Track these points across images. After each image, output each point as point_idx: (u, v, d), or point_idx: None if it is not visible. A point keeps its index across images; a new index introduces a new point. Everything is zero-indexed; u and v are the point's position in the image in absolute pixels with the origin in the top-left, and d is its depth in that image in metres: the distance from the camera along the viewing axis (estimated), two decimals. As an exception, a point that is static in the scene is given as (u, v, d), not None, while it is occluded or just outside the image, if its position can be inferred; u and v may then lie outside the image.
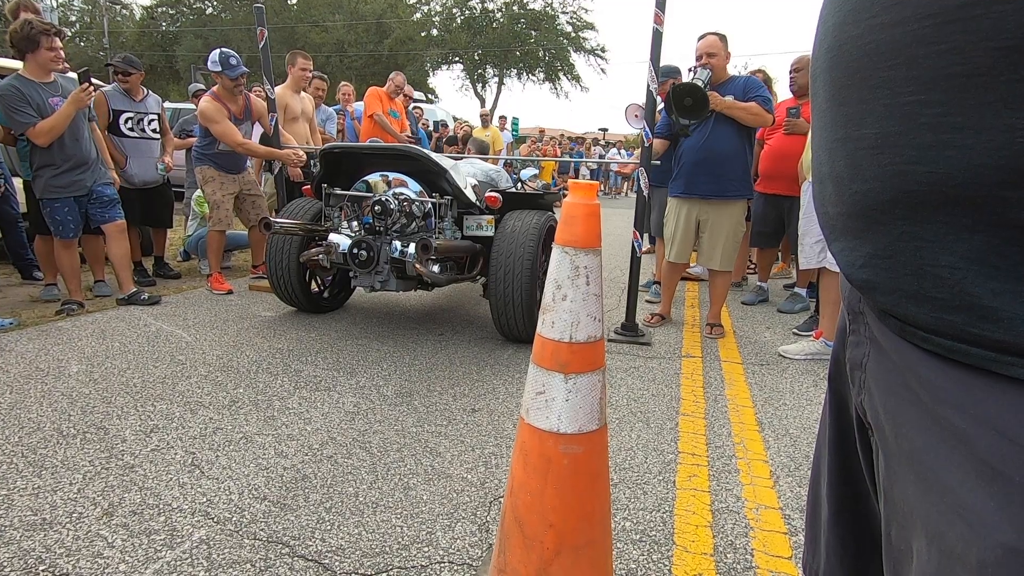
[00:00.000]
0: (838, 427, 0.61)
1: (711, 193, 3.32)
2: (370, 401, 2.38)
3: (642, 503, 1.74)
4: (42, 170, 3.33)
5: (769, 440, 2.19)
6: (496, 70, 27.69)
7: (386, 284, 3.01)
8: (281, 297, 3.52)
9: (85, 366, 2.63)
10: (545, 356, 1.07)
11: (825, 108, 0.47)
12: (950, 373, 0.40)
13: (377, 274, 2.99)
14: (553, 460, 1.06)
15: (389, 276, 2.99)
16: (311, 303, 3.52)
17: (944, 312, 0.39)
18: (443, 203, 3.04)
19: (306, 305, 3.52)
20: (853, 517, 0.60)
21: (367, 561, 1.44)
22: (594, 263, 1.05)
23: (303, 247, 3.31)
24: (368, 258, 2.90)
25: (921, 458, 0.41)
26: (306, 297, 3.46)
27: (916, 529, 0.42)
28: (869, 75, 0.41)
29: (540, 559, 1.07)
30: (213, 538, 1.50)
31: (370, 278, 3.01)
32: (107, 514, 1.58)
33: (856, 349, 0.53)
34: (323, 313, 3.65)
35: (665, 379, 2.77)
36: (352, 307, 3.84)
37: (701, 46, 3.30)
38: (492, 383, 2.63)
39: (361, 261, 2.91)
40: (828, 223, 0.50)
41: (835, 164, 0.46)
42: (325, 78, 5.44)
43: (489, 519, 1.63)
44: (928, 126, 0.37)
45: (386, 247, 2.95)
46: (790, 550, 1.56)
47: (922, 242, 0.39)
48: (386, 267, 2.96)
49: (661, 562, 1.49)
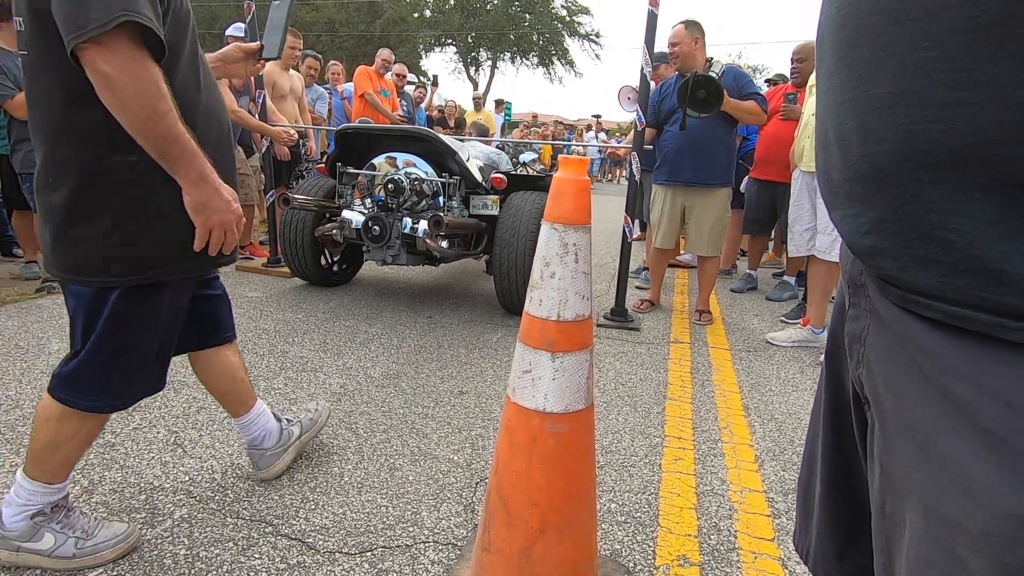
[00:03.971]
0: (833, 404, 0.60)
1: (695, 180, 3.32)
2: (357, 382, 2.36)
3: (628, 485, 1.75)
4: (21, 144, 3.23)
5: (755, 425, 2.20)
6: (489, 53, 27.39)
7: (397, 258, 3.18)
8: (294, 271, 3.66)
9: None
10: (532, 334, 1.06)
11: (832, 70, 0.46)
12: (953, 342, 0.39)
13: (388, 249, 3.14)
14: (539, 439, 1.05)
15: (400, 251, 3.14)
16: (322, 277, 3.67)
17: (951, 276, 0.38)
18: (452, 183, 3.20)
19: (317, 278, 3.67)
20: (845, 494, 0.60)
21: (351, 540, 1.43)
22: (584, 240, 1.04)
23: (316, 223, 3.45)
24: (381, 233, 3.07)
25: (921, 428, 0.41)
26: (318, 271, 3.61)
27: (911, 500, 0.41)
28: (881, 31, 0.40)
29: (524, 537, 1.07)
30: (195, 516, 1.48)
31: (382, 252, 3.17)
32: (87, 492, 1.56)
33: (855, 323, 0.52)
34: (333, 286, 3.80)
35: (653, 364, 2.78)
36: (341, 289, 3.81)
37: (669, 37, 3.29)
38: (480, 366, 2.62)
39: (374, 236, 3.07)
40: (831, 190, 0.49)
41: (842, 128, 0.45)
42: (319, 57, 5.34)
43: (475, 500, 1.63)
44: (943, 83, 0.36)
45: (398, 223, 3.09)
46: (773, 532, 1.57)
47: (931, 205, 0.38)
48: (397, 242, 3.11)
49: (646, 543, 1.50)
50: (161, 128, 1.02)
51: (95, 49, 0.95)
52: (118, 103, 0.99)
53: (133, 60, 0.97)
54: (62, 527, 1.28)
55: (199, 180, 1.10)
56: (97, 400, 1.22)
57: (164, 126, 1.02)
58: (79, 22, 0.92)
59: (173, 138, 1.04)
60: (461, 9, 25.82)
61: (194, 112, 1.16)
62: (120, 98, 0.98)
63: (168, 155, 1.06)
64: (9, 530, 1.24)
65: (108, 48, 0.95)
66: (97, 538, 1.31)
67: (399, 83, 6.09)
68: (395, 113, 5.68)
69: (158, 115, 1.01)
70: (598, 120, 18.67)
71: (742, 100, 3.20)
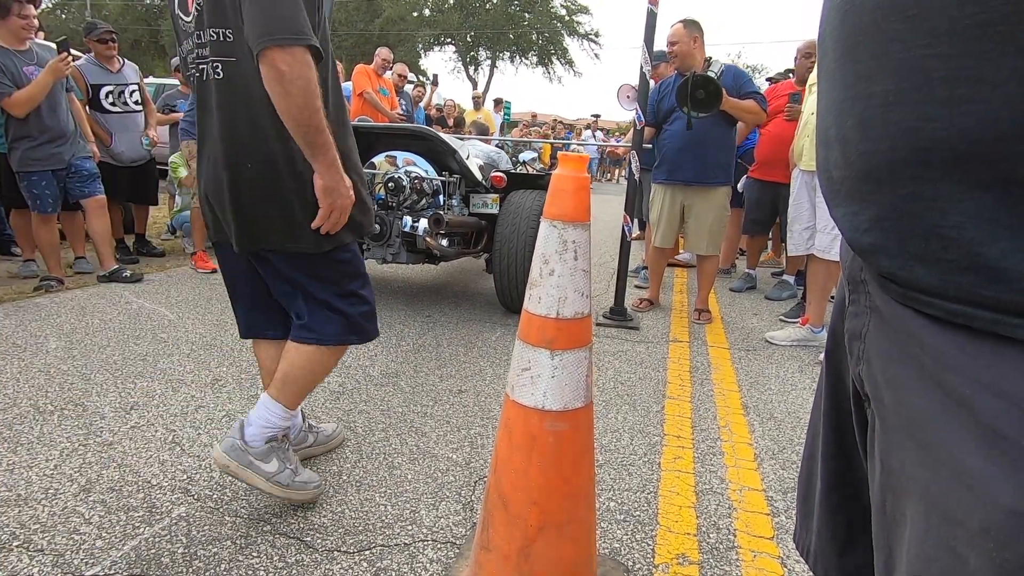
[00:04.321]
0: (834, 402, 0.60)
1: (694, 179, 3.32)
2: (355, 381, 2.36)
3: (627, 484, 1.75)
4: (18, 142, 3.23)
5: (754, 424, 2.20)
6: (489, 52, 27.38)
7: (397, 257, 3.17)
8: None
9: (64, 342, 2.58)
10: (531, 332, 1.06)
11: (834, 68, 0.46)
12: (954, 338, 0.39)
13: (389, 247, 3.13)
14: (538, 437, 1.05)
15: (400, 249, 3.13)
16: None
17: (951, 274, 0.38)
18: (452, 181, 3.20)
19: None
20: (846, 492, 0.60)
21: (349, 539, 1.43)
22: (583, 238, 1.03)
23: None
24: (381, 232, 3.06)
25: (922, 425, 0.41)
26: None
27: (911, 497, 0.41)
28: (882, 28, 0.39)
29: (523, 536, 1.07)
30: (193, 515, 1.48)
31: (382, 251, 3.15)
32: (84, 490, 1.55)
33: (856, 319, 0.52)
34: None
35: (652, 363, 2.77)
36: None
37: (667, 36, 3.28)
38: (479, 364, 2.61)
39: (374, 235, 3.06)
40: (832, 188, 0.49)
41: (843, 125, 0.45)
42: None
43: (474, 498, 1.62)
44: (943, 80, 0.36)
45: (398, 222, 3.08)
46: (772, 530, 1.57)
47: (931, 202, 0.38)
48: (397, 240, 3.10)
49: (645, 541, 1.49)
50: (316, 120, 1.23)
51: (279, 52, 1.18)
52: (285, 96, 1.20)
53: (303, 63, 1.20)
54: (285, 458, 1.47)
55: (331, 167, 1.30)
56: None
57: (317, 119, 1.24)
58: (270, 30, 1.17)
59: (321, 129, 1.25)
60: (460, 8, 25.81)
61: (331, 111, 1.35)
62: (290, 90, 1.19)
63: (315, 144, 1.26)
64: (251, 447, 1.42)
65: (289, 52, 1.19)
66: (302, 476, 1.49)
67: (399, 83, 6.08)
68: (394, 112, 5.68)
69: (314, 109, 1.22)
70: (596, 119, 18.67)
71: (741, 99, 3.19)
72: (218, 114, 1.34)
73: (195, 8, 1.31)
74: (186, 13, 1.37)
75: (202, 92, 1.39)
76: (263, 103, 1.27)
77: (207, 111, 1.38)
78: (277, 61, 1.18)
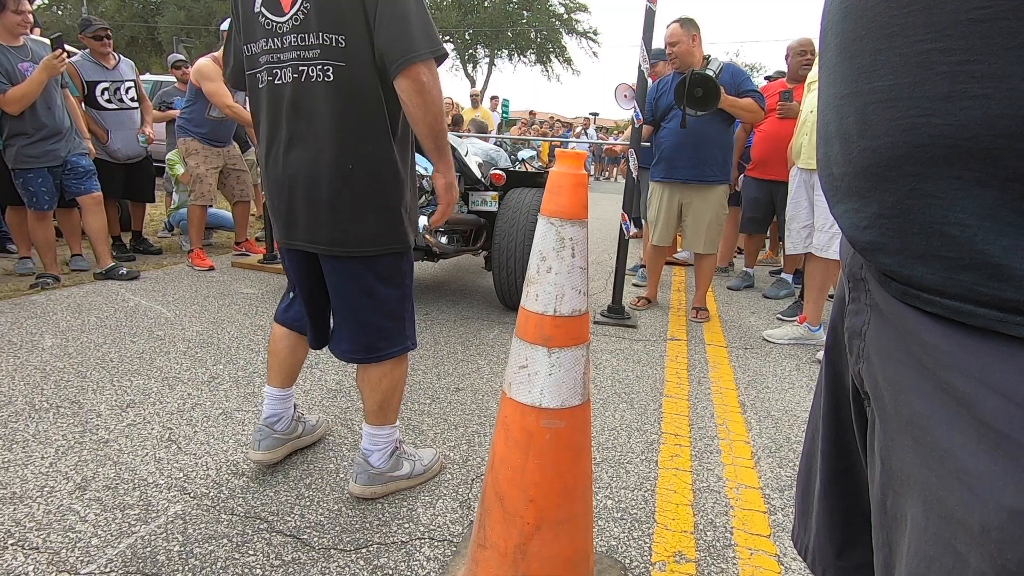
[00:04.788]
0: (833, 399, 0.60)
1: (692, 178, 3.32)
2: (353, 379, 2.35)
3: (624, 482, 1.75)
4: (14, 139, 3.21)
5: (751, 422, 2.20)
6: (487, 50, 27.33)
7: None
8: None
9: (60, 340, 2.57)
10: (528, 330, 1.05)
11: (835, 63, 0.45)
12: (954, 337, 0.39)
13: None
14: (535, 435, 1.05)
15: None
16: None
17: (952, 271, 0.38)
18: None
19: None
20: (844, 490, 0.60)
21: (346, 537, 1.43)
22: (580, 235, 1.03)
23: None
24: None
25: (921, 423, 0.40)
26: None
27: (912, 496, 0.41)
28: (885, 23, 0.39)
29: (520, 534, 1.06)
30: (189, 513, 1.47)
31: None
32: (80, 488, 1.55)
33: (856, 317, 0.51)
34: None
35: (650, 361, 2.77)
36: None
37: (665, 36, 3.28)
38: (477, 362, 2.61)
39: None
40: (832, 184, 0.48)
41: (843, 121, 0.44)
42: None
43: (471, 496, 1.62)
44: (945, 75, 0.35)
45: None
46: (769, 528, 1.57)
47: (931, 199, 0.38)
48: None
49: (642, 539, 1.49)
50: (443, 125, 1.39)
51: (423, 66, 1.29)
52: (425, 106, 1.32)
53: (437, 77, 1.34)
54: (407, 456, 1.64)
55: (451, 167, 1.47)
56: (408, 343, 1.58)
57: (444, 124, 1.39)
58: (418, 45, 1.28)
59: (446, 133, 1.41)
60: (458, 6, 25.75)
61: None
62: (426, 101, 1.32)
63: (443, 147, 1.42)
64: (380, 468, 1.57)
65: (430, 66, 1.31)
66: (424, 460, 1.68)
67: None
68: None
69: (443, 116, 1.38)
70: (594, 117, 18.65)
71: (739, 97, 3.19)
72: (320, 117, 1.36)
73: (300, 11, 1.32)
74: (278, 13, 1.35)
75: (278, 92, 1.38)
76: (372, 109, 1.35)
77: (299, 113, 1.37)
78: (422, 75, 1.29)
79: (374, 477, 1.56)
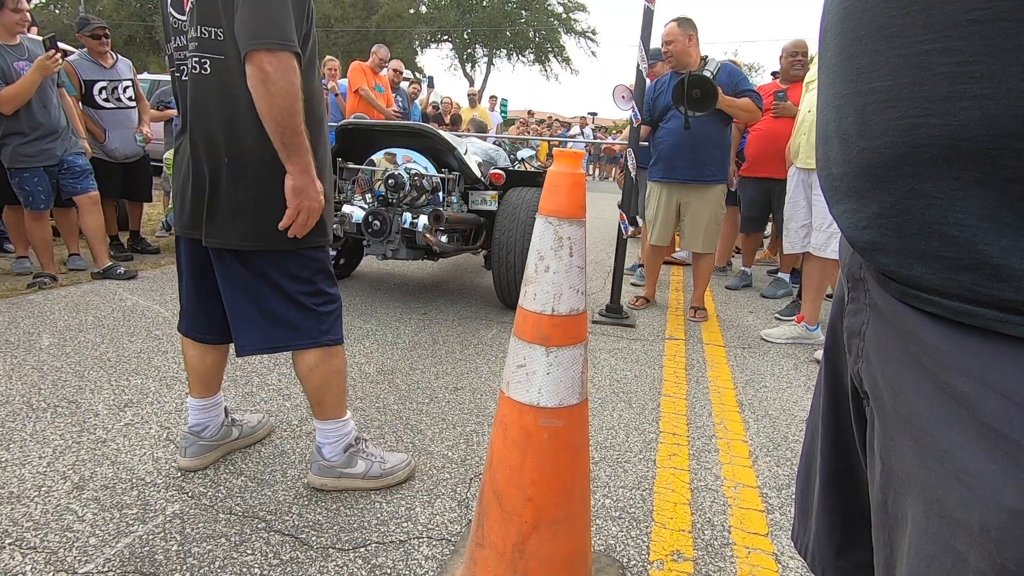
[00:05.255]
0: (832, 399, 0.60)
1: (690, 178, 3.32)
2: (351, 379, 2.35)
3: (622, 481, 1.75)
4: (9, 138, 3.20)
5: (749, 421, 2.21)
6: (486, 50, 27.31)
7: (397, 252, 3.21)
8: None
9: (57, 339, 2.56)
10: (526, 329, 1.05)
11: (835, 63, 0.45)
12: (953, 337, 0.39)
13: (389, 243, 3.16)
14: (533, 434, 1.05)
15: (400, 245, 3.17)
16: None
17: (952, 272, 0.38)
18: (451, 178, 3.25)
19: None
20: (844, 490, 0.60)
21: (344, 536, 1.43)
22: (578, 234, 1.03)
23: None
24: (381, 228, 3.09)
25: (921, 424, 0.40)
26: None
27: (912, 495, 0.41)
28: (884, 24, 0.39)
29: (518, 533, 1.06)
30: (187, 512, 1.47)
31: (382, 246, 3.19)
32: (78, 488, 1.54)
33: (855, 317, 0.51)
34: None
35: (648, 360, 2.78)
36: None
37: (662, 35, 3.28)
38: (475, 362, 2.61)
39: (375, 231, 3.09)
40: (831, 185, 0.48)
41: (843, 121, 0.44)
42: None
43: (469, 496, 1.62)
44: (945, 76, 0.35)
45: (398, 218, 3.12)
46: (766, 527, 1.57)
47: (931, 199, 0.38)
48: (397, 236, 3.13)
49: (640, 538, 1.50)
50: (293, 122, 1.29)
51: (266, 55, 1.24)
52: (268, 97, 1.26)
53: (288, 67, 1.26)
54: (367, 455, 1.61)
55: (305, 170, 1.35)
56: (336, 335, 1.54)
57: (295, 121, 1.30)
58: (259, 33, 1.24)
59: (297, 132, 1.31)
60: (457, 5, 25.74)
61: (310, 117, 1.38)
62: (272, 91, 1.26)
63: (290, 145, 1.32)
64: (332, 461, 1.57)
65: (276, 56, 1.25)
66: (390, 462, 1.64)
67: (396, 79, 6.05)
68: (390, 109, 5.66)
69: (293, 112, 1.29)
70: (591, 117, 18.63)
71: (737, 97, 3.20)
72: (202, 109, 1.38)
73: (192, 6, 1.35)
74: (180, 11, 1.41)
75: (184, 87, 1.43)
76: (247, 102, 1.31)
77: (192, 107, 1.41)
78: (265, 63, 1.24)
79: (325, 469, 1.58)
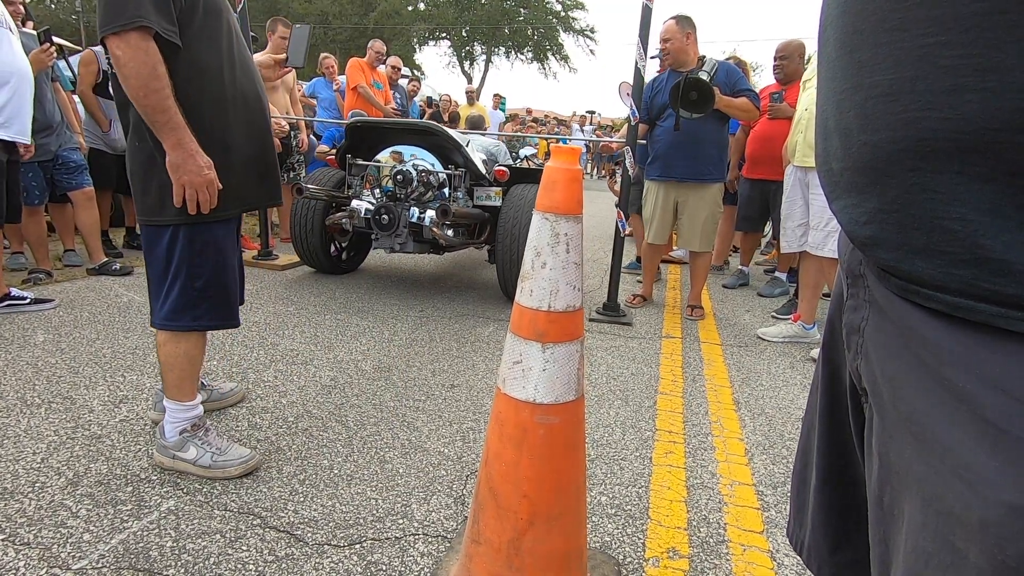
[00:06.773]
0: (830, 395, 0.60)
1: (688, 176, 3.33)
2: (348, 375, 2.35)
3: (618, 478, 1.75)
4: (5, 132, 3.18)
5: (745, 419, 2.21)
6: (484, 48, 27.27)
7: (404, 246, 3.32)
8: (304, 259, 3.80)
9: (52, 335, 2.55)
10: (523, 325, 1.05)
11: (835, 58, 0.45)
12: (954, 333, 0.39)
13: (396, 237, 3.28)
14: (529, 430, 1.05)
15: (407, 239, 3.28)
16: (331, 264, 3.83)
17: (953, 267, 0.38)
18: (457, 175, 3.32)
19: (326, 266, 3.82)
20: (841, 486, 0.59)
21: (340, 532, 1.42)
22: (575, 230, 1.03)
23: (326, 213, 3.58)
24: (389, 222, 3.21)
25: (920, 420, 0.40)
26: (327, 258, 3.77)
27: (910, 492, 0.41)
28: (885, 17, 0.39)
29: (514, 529, 1.06)
30: (182, 508, 1.47)
31: (390, 240, 3.31)
32: (72, 484, 1.54)
33: (854, 313, 0.51)
34: (340, 274, 3.94)
35: (645, 358, 2.78)
36: (332, 282, 3.79)
37: (660, 33, 3.28)
38: (472, 359, 2.61)
39: (383, 225, 3.22)
40: (831, 180, 0.48)
41: (843, 116, 0.44)
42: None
43: (465, 492, 1.62)
44: (947, 69, 0.35)
45: (405, 213, 3.23)
46: (762, 524, 1.58)
47: (932, 194, 0.38)
48: (405, 231, 3.25)
49: (635, 535, 1.50)
50: (153, 100, 1.34)
51: (114, 39, 1.30)
52: (124, 79, 1.32)
53: (136, 47, 1.31)
54: (202, 443, 1.62)
55: (177, 145, 1.39)
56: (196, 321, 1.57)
57: (155, 99, 1.34)
58: (107, 19, 1.29)
59: (162, 109, 1.35)
60: (455, 3, 25.67)
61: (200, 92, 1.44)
62: (124, 74, 1.32)
63: (157, 123, 1.37)
64: (168, 441, 1.61)
65: (122, 38, 1.30)
66: (228, 455, 1.62)
67: (394, 76, 6.03)
68: (388, 106, 5.64)
69: (150, 90, 1.33)
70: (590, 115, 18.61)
71: (735, 96, 3.19)
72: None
73: None
74: None
75: None
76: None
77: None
78: (113, 47, 1.30)
79: (162, 448, 1.62)
